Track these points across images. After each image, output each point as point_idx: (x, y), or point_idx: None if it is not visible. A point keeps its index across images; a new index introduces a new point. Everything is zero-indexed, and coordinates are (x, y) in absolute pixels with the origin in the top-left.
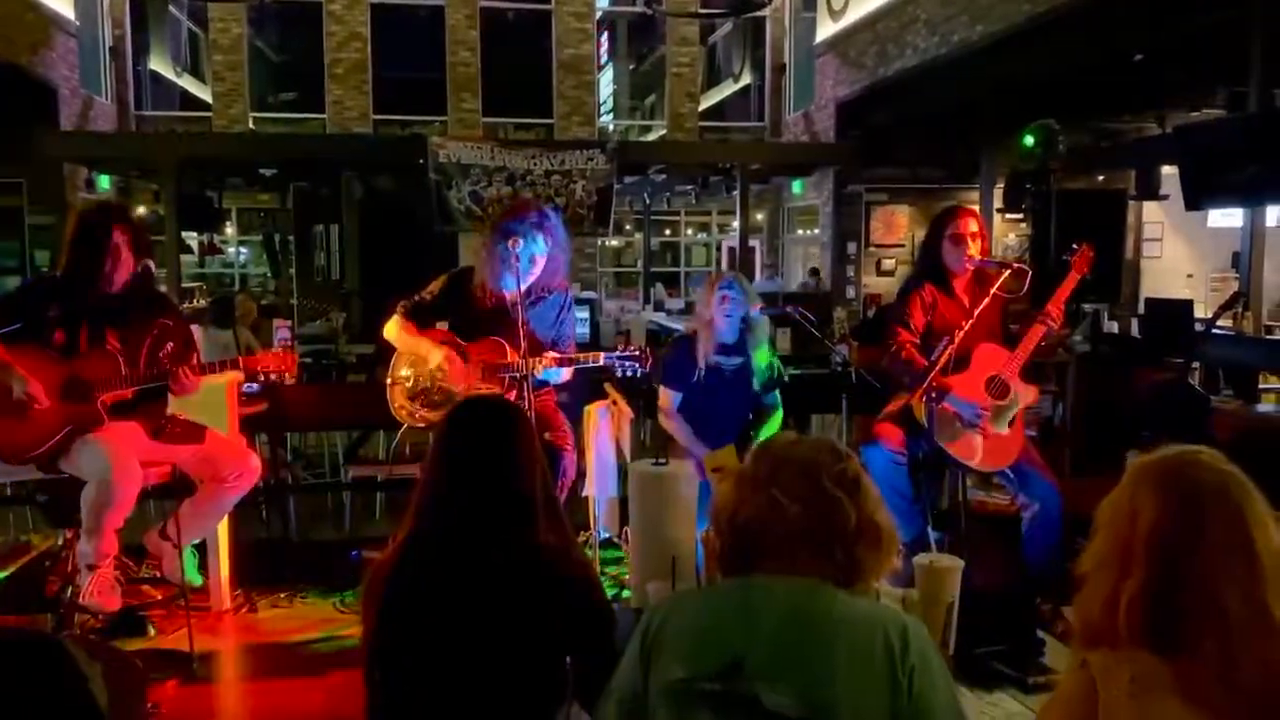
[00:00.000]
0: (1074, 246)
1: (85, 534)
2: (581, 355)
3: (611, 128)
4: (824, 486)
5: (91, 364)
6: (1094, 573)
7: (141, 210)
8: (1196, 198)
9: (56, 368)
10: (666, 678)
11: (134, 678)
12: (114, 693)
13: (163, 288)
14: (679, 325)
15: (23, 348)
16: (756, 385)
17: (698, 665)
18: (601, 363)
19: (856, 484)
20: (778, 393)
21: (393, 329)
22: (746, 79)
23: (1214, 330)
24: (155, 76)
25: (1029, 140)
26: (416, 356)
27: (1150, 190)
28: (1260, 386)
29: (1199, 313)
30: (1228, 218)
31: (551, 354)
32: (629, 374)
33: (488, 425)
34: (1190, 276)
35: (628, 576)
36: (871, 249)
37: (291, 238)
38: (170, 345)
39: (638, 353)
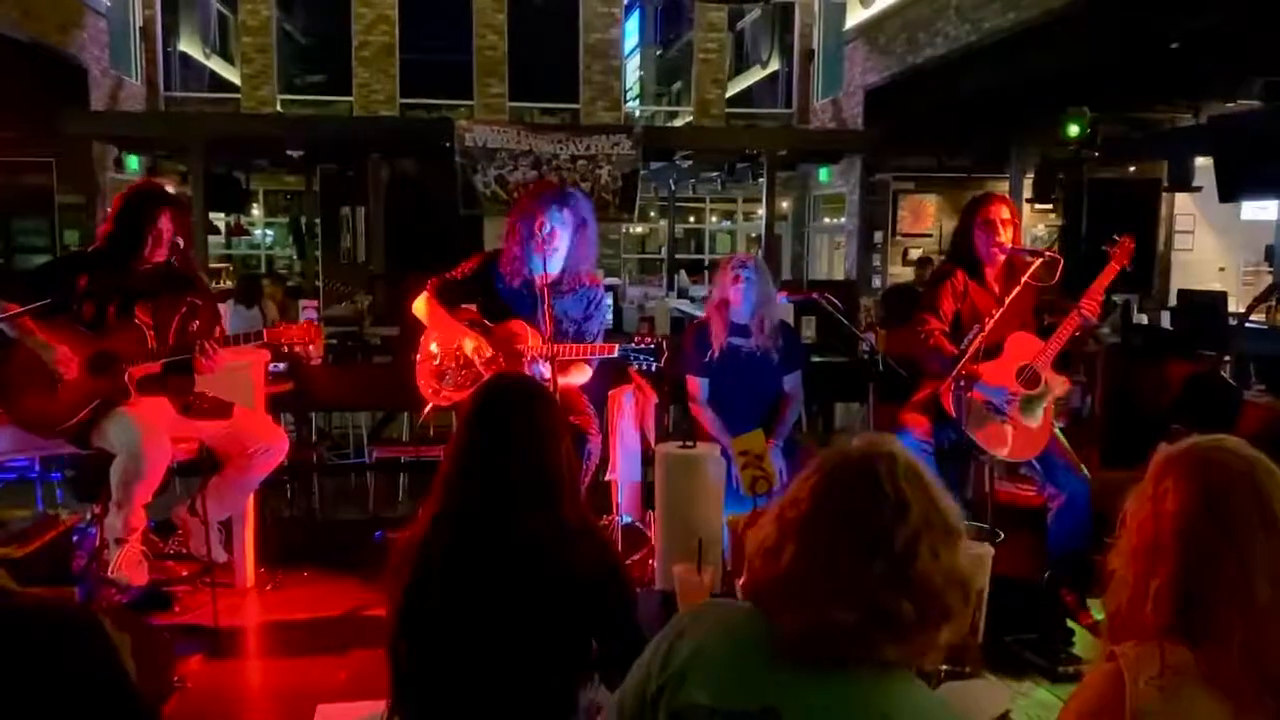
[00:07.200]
0: (1114, 238)
1: (114, 507)
2: (594, 347)
3: (638, 113)
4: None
5: (120, 338)
6: (1122, 566)
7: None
8: (1231, 189)
9: (85, 341)
10: (686, 700)
11: (161, 652)
12: (141, 665)
13: None
14: (703, 313)
15: (52, 321)
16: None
17: (726, 700)
18: (615, 355)
19: None
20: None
21: (422, 306)
22: (774, 65)
23: (1247, 324)
24: (184, 58)
25: (1072, 128)
26: (444, 335)
27: (1184, 181)
28: None
29: (1231, 306)
30: (1262, 210)
31: (565, 345)
32: (644, 368)
33: (513, 403)
34: (1222, 270)
35: (652, 561)
36: (898, 238)
37: (318, 220)
38: (198, 323)
39: (653, 345)
